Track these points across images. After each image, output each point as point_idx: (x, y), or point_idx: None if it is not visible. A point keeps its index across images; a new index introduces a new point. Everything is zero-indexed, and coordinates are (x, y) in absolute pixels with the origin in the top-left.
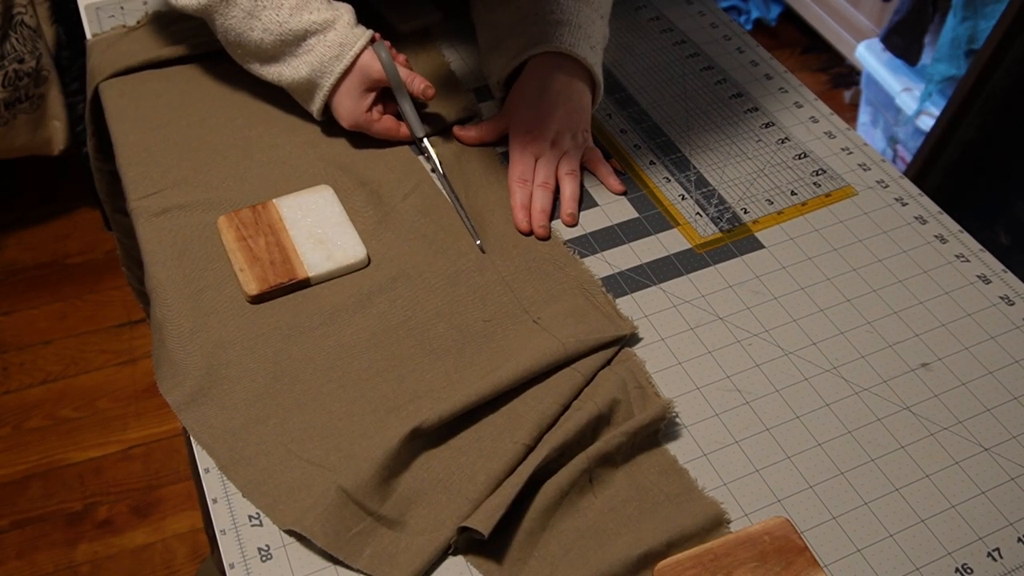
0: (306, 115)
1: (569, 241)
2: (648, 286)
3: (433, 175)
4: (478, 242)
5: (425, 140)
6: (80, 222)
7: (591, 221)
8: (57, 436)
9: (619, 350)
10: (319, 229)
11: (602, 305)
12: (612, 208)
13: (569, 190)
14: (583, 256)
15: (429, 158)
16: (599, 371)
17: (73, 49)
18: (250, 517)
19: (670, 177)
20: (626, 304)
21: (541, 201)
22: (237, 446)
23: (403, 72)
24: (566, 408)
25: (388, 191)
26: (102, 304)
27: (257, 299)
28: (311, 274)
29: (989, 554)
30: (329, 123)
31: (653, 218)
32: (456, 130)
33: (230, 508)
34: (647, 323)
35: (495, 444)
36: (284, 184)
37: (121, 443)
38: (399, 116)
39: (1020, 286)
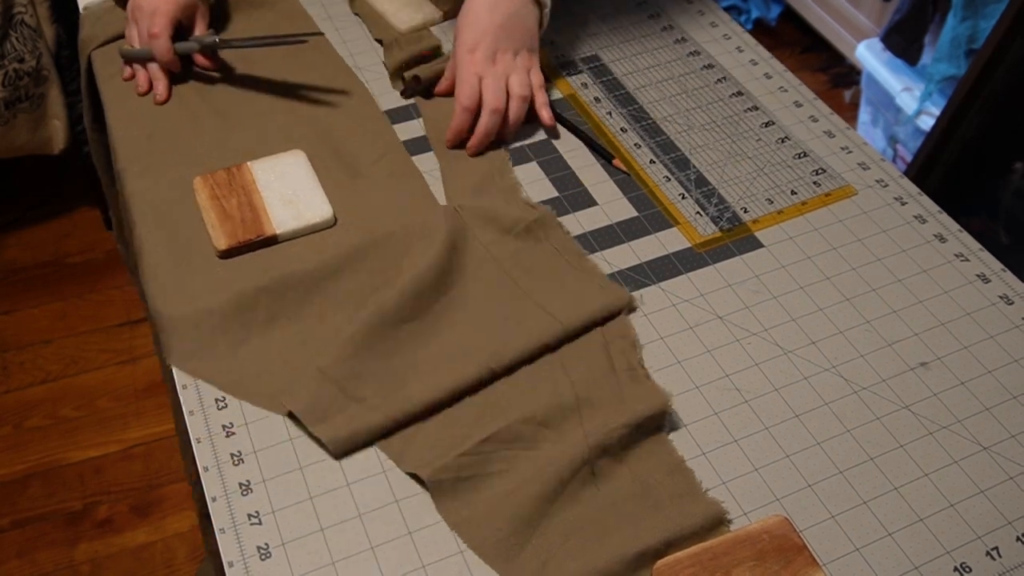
0: (288, 83)
1: None
2: (647, 285)
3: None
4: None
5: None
6: (80, 222)
7: (590, 220)
8: (57, 435)
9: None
10: (289, 190)
11: (589, 271)
12: (611, 207)
13: (514, 115)
14: None
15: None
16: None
17: (73, 49)
18: (249, 516)
19: (670, 176)
20: None
21: (486, 122)
22: (228, 368)
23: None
24: (548, 349)
25: (360, 156)
26: (102, 304)
27: (227, 254)
28: (279, 231)
29: (988, 553)
30: (309, 90)
31: (653, 217)
32: (436, 90)
33: (229, 507)
34: (646, 322)
35: (463, 365)
36: (262, 148)
37: (121, 443)
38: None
39: (1019, 285)
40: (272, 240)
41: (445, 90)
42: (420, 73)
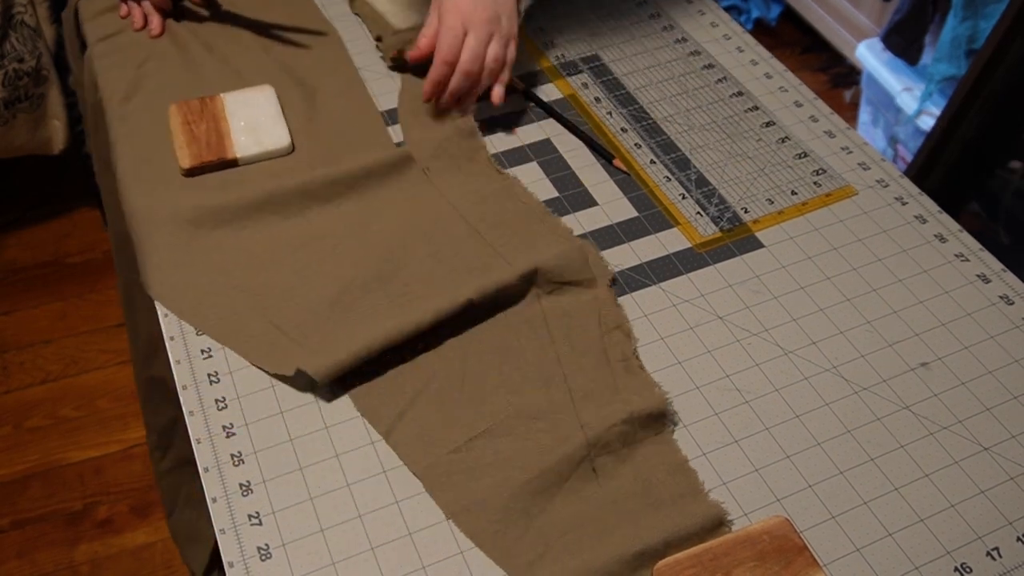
0: (267, 24)
1: None
2: (648, 285)
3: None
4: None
5: None
6: (80, 222)
7: (590, 220)
8: (57, 436)
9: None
10: (254, 120)
11: (553, 225)
12: (612, 207)
13: (481, 85)
14: None
15: None
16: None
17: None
18: (249, 516)
19: (670, 176)
20: (626, 303)
21: (456, 83)
22: (193, 296)
23: None
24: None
25: (322, 91)
26: (102, 304)
27: (190, 172)
28: (239, 155)
29: (988, 553)
30: (285, 31)
31: (653, 217)
32: (410, 55)
33: (229, 507)
34: (647, 322)
35: (412, 305)
36: (236, 82)
37: (121, 443)
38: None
39: (1020, 285)
40: (232, 163)
41: (426, 48)
42: (405, 48)
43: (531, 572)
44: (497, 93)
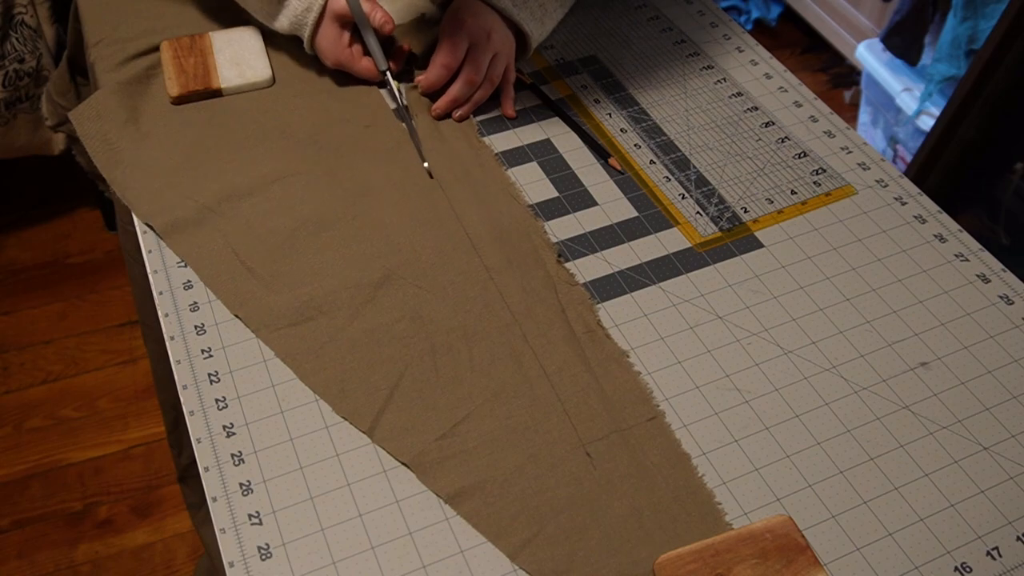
0: None
1: (568, 240)
2: (647, 285)
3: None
4: (426, 164)
5: (388, 74)
6: (80, 222)
7: (590, 220)
8: (57, 436)
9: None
10: (239, 55)
11: (510, 188)
12: (612, 207)
13: (479, 96)
14: (581, 256)
15: (392, 92)
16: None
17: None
18: (249, 516)
19: (670, 176)
20: (625, 303)
21: (457, 90)
22: (157, 199)
23: (366, 6)
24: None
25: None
26: (102, 304)
27: (178, 100)
28: (223, 85)
29: (988, 553)
30: None
31: (653, 217)
32: (418, 80)
33: (229, 507)
34: (646, 322)
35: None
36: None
37: (121, 443)
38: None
39: (1019, 285)
40: (216, 92)
41: (432, 82)
42: (413, 48)
43: (524, 551)
44: (507, 108)
